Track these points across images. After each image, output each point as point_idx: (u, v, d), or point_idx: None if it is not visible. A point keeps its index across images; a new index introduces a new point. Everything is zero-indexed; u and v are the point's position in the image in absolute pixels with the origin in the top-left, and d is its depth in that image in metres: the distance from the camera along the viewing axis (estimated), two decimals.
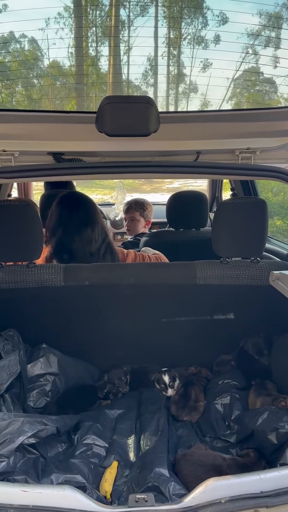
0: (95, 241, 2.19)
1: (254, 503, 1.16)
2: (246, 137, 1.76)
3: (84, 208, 2.21)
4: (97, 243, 2.20)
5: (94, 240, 2.18)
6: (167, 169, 1.69)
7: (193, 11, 2.13)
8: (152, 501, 1.19)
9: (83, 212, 2.20)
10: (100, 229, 2.21)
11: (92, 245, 2.18)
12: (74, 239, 2.17)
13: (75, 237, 2.16)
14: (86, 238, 2.18)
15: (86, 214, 2.20)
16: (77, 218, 2.18)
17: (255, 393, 1.92)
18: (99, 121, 1.51)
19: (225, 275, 2.04)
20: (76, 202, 2.26)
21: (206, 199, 3.19)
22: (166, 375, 2.12)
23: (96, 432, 1.76)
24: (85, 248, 2.18)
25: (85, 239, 2.18)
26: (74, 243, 2.17)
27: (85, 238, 2.18)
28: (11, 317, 2.06)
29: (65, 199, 2.27)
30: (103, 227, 2.25)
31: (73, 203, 2.25)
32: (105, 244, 2.24)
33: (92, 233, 2.18)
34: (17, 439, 1.44)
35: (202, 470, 1.51)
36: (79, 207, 2.21)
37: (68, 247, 2.18)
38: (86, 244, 2.18)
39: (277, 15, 2.01)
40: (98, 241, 2.20)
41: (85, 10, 2.12)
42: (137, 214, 3.95)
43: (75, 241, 2.17)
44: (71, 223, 2.17)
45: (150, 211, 3.96)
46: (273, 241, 3.41)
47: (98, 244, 2.20)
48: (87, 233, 2.17)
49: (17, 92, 2.27)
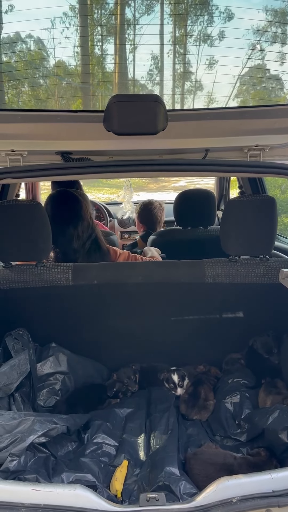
0: (78, 237, 2.24)
1: (266, 503, 1.15)
2: (255, 134, 1.75)
3: (68, 205, 2.28)
4: (81, 240, 2.25)
5: (77, 236, 2.23)
6: (176, 167, 1.68)
7: (198, 8, 2.12)
8: (163, 500, 1.19)
9: (66, 209, 2.27)
10: (85, 226, 2.26)
11: (74, 242, 2.24)
12: (58, 235, 2.21)
13: (58, 233, 2.21)
14: (69, 234, 2.23)
15: (69, 211, 2.26)
16: (60, 215, 2.23)
17: (265, 391, 1.91)
18: (107, 119, 1.51)
19: (234, 274, 2.03)
20: (61, 199, 2.32)
21: (213, 197, 3.18)
22: (175, 374, 2.12)
23: (106, 431, 1.76)
24: (69, 244, 2.24)
25: (68, 235, 2.23)
26: (60, 239, 2.22)
27: (68, 234, 2.23)
28: (20, 316, 2.07)
29: (52, 197, 2.34)
30: (89, 224, 2.29)
31: (58, 200, 2.32)
32: (91, 240, 2.29)
33: (75, 229, 2.23)
34: (27, 438, 1.45)
35: (212, 469, 1.50)
36: (63, 205, 2.29)
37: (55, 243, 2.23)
38: (69, 240, 2.24)
39: (283, 11, 1.99)
40: (82, 238, 2.25)
41: (90, 9, 2.12)
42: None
43: (60, 237, 2.22)
44: (55, 219, 2.20)
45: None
46: (282, 239, 3.38)
47: (82, 240, 2.25)
48: (69, 229, 2.22)
49: (24, 92, 2.28)
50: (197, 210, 3.08)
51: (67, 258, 2.24)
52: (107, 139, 1.61)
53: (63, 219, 2.23)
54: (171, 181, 13.13)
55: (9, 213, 1.93)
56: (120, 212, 4.70)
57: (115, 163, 1.72)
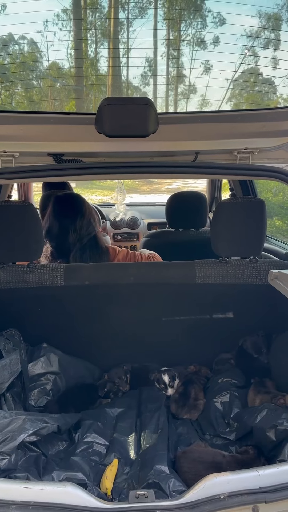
0: (75, 231, 2.29)
1: (253, 499, 1.17)
2: (244, 137, 1.78)
3: (70, 201, 2.38)
4: (77, 234, 2.30)
5: (73, 230, 2.28)
6: (166, 169, 1.70)
7: (192, 12, 2.14)
8: (152, 497, 1.20)
9: (68, 204, 2.37)
10: (85, 222, 2.32)
11: (70, 235, 2.29)
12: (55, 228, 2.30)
13: (56, 226, 2.30)
14: (65, 227, 2.28)
15: (71, 205, 2.35)
16: (59, 209, 2.33)
17: (254, 391, 1.94)
18: (99, 122, 1.53)
19: (224, 274, 2.05)
20: (66, 197, 2.45)
21: (205, 199, 3.21)
22: (166, 374, 2.14)
23: (97, 430, 1.77)
24: (64, 237, 2.29)
25: (64, 228, 2.29)
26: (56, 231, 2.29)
27: (64, 227, 2.29)
28: (12, 317, 2.07)
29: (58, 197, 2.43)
30: (90, 222, 2.34)
31: (61, 196, 2.43)
32: (89, 237, 2.33)
33: (72, 223, 2.29)
34: (18, 437, 1.45)
35: (202, 467, 1.52)
36: (66, 201, 2.39)
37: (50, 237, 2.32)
38: (65, 234, 2.29)
39: (276, 16, 2.02)
40: (80, 233, 2.30)
41: (84, 12, 2.13)
42: None
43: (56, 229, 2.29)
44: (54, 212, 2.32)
45: None
46: (272, 240, 3.42)
47: (78, 235, 2.30)
48: (66, 222, 2.29)
49: (17, 94, 2.29)
50: (189, 212, 3.10)
51: (60, 252, 2.29)
52: (99, 141, 1.64)
53: (62, 212, 2.30)
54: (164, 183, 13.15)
55: (1, 214, 1.94)
56: (113, 213, 4.71)
57: (106, 164, 1.74)
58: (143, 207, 5.21)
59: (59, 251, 2.31)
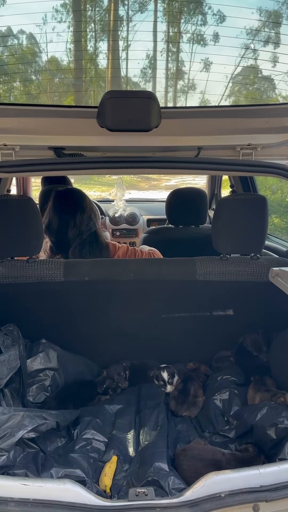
0: (75, 226, 2.28)
1: (254, 497, 1.16)
2: (247, 133, 1.76)
3: (71, 197, 2.37)
4: (77, 229, 2.29)
5: (73, 225, 2.27)
6: (168, 165, 1.69)
7: (192, 7, 2.12)
8: (152, 495, 1.19)
9: (69, 199, 2.36)
10: (85, 218, 2.31)
11: (70, 230, 2.27)
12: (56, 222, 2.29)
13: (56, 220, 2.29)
14: (65, 222, 2.27)
15: (72, 200, 2.34)
16: (60, 203, 2.32)
17: (254, 388, 1.93)
18: (100, 115, 1.50)
19: (225, 272, 2.04)
20: (67, 192, 2.45)
21: (205, 196, 3.19)
22: (165, 371, 2.12)
23: (96, 427, 1.76)
24: (64, 231, 2.28)
25: (64, 222, 2.28)
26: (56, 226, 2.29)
27: (64, 222, 2.28)
28: (11, 312, 2.06)
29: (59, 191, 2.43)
30: (91, 217, 2.34)
31: (62, 191, 2.42)
32: (90, 232, 2.32)
33: (72, 218, 2.27)
34: (17, 433, 1.44)
35: (201, 465, 1.51)
36: (67, 196, 2.38)
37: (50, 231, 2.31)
38: (65, 228, 2.28)
39: (276, 13, 2.01)
40: (80, 227, 2.29)
41: (83, 5, 2.11)
42: None
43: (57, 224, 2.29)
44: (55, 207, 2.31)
45: None
46: (272, 238, 3.41)
47: (78, 230, 2.29)
48: (67, 217, 2.28)
49: (16, 88, 2.27)
50: (189, 209, 3.09)
51: (60, 246, 2.27)
52: (100, 135, 1.61)
53: (63, 207, 2.29)
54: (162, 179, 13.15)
55: (0, 208, 1.92)
56: (112, 209, 4.69)
57: (108, 159, 1.72)
58: (142, 203, 5.19)
59: (58, 246, 2.29)
